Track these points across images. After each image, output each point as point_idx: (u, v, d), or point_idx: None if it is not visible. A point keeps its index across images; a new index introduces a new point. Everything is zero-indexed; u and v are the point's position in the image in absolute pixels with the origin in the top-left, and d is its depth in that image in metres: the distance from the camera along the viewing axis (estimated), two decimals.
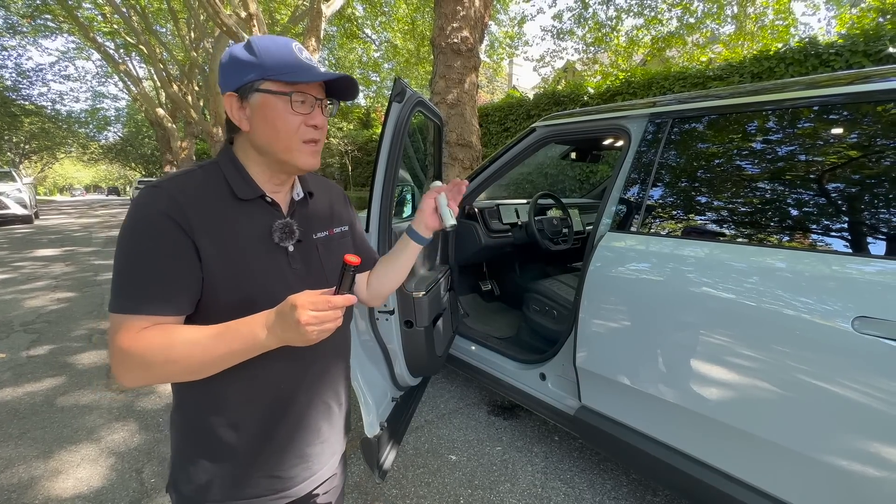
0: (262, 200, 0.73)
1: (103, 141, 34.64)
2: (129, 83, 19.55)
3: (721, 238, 1.35)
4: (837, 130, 1.23)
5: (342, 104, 0.80)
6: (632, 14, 11.43)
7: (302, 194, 0.81)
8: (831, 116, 1.24)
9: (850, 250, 1.11)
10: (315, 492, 0.85)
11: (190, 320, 0.68)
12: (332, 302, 0.59)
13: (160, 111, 19.26)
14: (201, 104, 18.50)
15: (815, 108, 1.26)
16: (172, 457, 0.77)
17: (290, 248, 0.75)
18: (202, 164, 0.73)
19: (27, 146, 31.75)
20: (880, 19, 4.88)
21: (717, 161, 1.46)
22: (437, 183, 0.94)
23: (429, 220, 0.89)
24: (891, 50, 4.16)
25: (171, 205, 0.63)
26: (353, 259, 0.61)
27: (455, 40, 4.85)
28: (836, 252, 1.12)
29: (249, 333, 0.61)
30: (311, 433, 0.80)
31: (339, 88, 0.75)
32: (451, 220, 0.88)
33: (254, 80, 0.67)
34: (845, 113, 1.21)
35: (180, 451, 0.76)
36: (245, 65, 0.67)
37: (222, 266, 0.67)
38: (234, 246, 0.68)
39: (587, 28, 12.15)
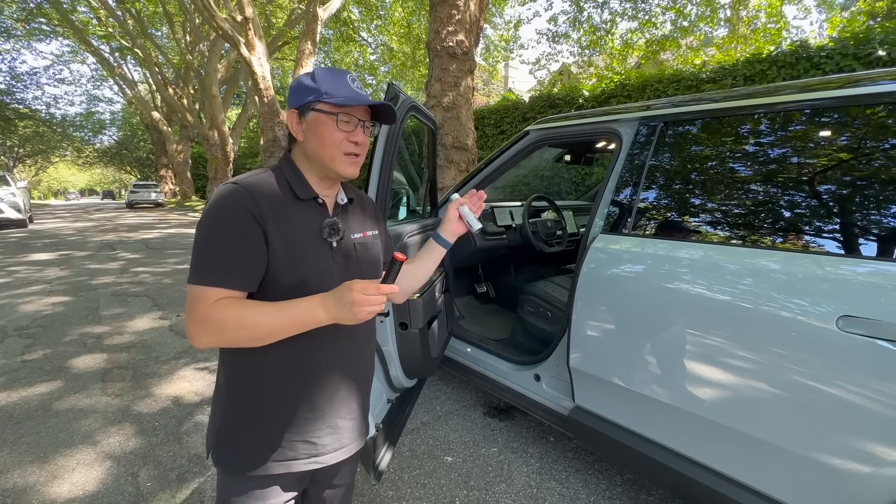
0: (315, 201, 0.87)
1: (98, 144, 34.55)
2: (124, 86, 19.53)
3: (711, 239, 1.37)
4: (828, 133, 1.25)
5: None
6: (626, 17, 11.53)
7: (345, 200, 0.95)
8: (822, 120, 1.26)
9: (836, 251, 1.13)
10: (339, 467, 0.96)
11: (251, 297, 0.80)
12: (380, 289, 0.72)
13: (155, 114, 19.24)
14: (197, 107, 18.46)
15: (807, 111, 1.28)
16: (217, 427, 0.88)
17: (334, 244, 0.88)
18: (269, 168, 0.87)
19: (21, 150, 31.61)
20: (870, 23, 4.95)
21: (706, 163, 1.48)
22: (456, 196, 1.08)
23: (455, 227, 1.05)
24: (880, 53, 4.21)
25: (249, 200, 0.77)
26: (401, 256, 0.74)
27: (450, 44, 4.89)
28: (820, 253, 1.14)
29: (309, 309, 0.74)
30: (343, 406, 0.91)
31: (381, 113, 0.89)
32: (478, 224, 1.03)
33: (311, 101, 0.82)
34: (836, 116, 1.23)
35: (226, 420, 0.86)
36: (307, 89, 0.83)
37: (284, 252, 0.80)
38: (294, 236, 0.81)
39: (582, 31, 12.24)
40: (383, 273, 0.75)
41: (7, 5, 16.14)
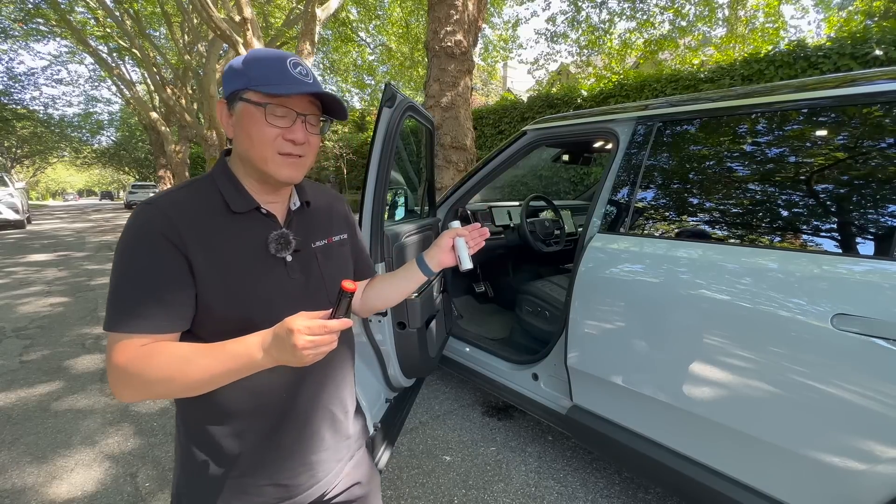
0: (258, 212, 0.74)
1: (96, 145, 34.44)
2: (122, 87, 19.48)
3: (708, 238, 1.38)
4: (825, 133, 1.25)
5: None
6: (624, 17, 11.53)
7: (298, 203, 0.81)
8: (819, 119, 1.26)
9: (833, 250, 1.14)
10: (327, 497, 0.85)
11: (187, 335, 0.69)
12: (327, 327, 0.60)
13: (154, 115, 19.19)
14: (195, 108, 18.45)
15: (804, 110, 1.28)
16: (176, 471, 0.78)
17: (289, 259, 0.75)
18: (197, 179, 0.73)
19: (19, 151, 31.52)
20: (867, 22, 4.96)
21: (703, 163, 1.49)
22: (456, 223, 0.93)
23: (444, 257, 0.90)
24: (877, 52, 4.22)
25: (164, 221, 0.64)
26: (350, 286, 0.62)
27: (449, 44, 4.89)
28: (817, 251, 1.15)
29: (245, 353, 0.62)
30: (315, 441, 0.80)
31: (332, 107, 0.74)
32: (468, 264, 0.89)
33: (238, 88, 0.68)
34: (833, 115, 1.23)
35: (184, 465, 0.76)
36: (236, 73, 0.69)
37: (216, 280, 0.67)
38: (229, 260, 0.68)
39: (580, 31, 12.24)
40: (332, 308, 0.64)
41: (4, 6, 16.10)
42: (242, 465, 0.74)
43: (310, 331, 0.58)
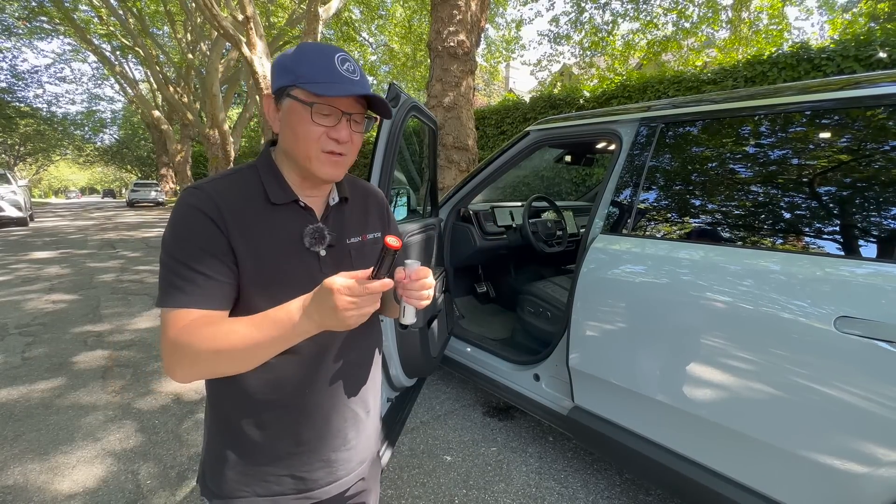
0: (296, 205, 0.75)
1: (99, 143, 34.60)
2: (125, 85, 19.54)
3: (711, 240, 1.38)
4: (828, 135, 1.25)
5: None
6: (628, 18, 11.52)
7: (337, 199, 0.82)
8: (822, 121, 1.26)
9: (836, 252, 1.14)
10: (344, 495, 0.85)
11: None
12: (368, 288, 0.59)
13: (156, 113, 19.25)
14: (197, 106, 18.49)
15: (807, 113, 1.28)
16: (203, 452, 0.81)
17: (322, 253, 0.76)
18: (241, 167, 0.75)
19: (22, 148, 31.65)
20: (871, 24, 4.95)
21: (706, 165, 1.48)
22: (416, 264, 0.72)
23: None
24: (881, 55, 4.21)
25: (209, 204, 0.67)
26: (393, 243, 0.59)
27: (451, 44, 4.89)
28: (819, 254, 1.15)
29: (287, 319, 0.62)
30: (336, 439, 0.81)
31: (377, 105, 0.75)
32: (411, 319, 0.74)
33: (286, 84, 0.69)
34: (836, 118, 1.23)
35: (211, 447, 0.79)
36: (285, 69, 0.70)
37: (253, 268, 0.69)
38: (264, 249, 0.70)
39: (584, 32, 12.24)
40: (373, 267, 0.61)
41: (9, 3, 16.16)
42: (262, 455, 0.76)
43: (350, 291, 0.58)
